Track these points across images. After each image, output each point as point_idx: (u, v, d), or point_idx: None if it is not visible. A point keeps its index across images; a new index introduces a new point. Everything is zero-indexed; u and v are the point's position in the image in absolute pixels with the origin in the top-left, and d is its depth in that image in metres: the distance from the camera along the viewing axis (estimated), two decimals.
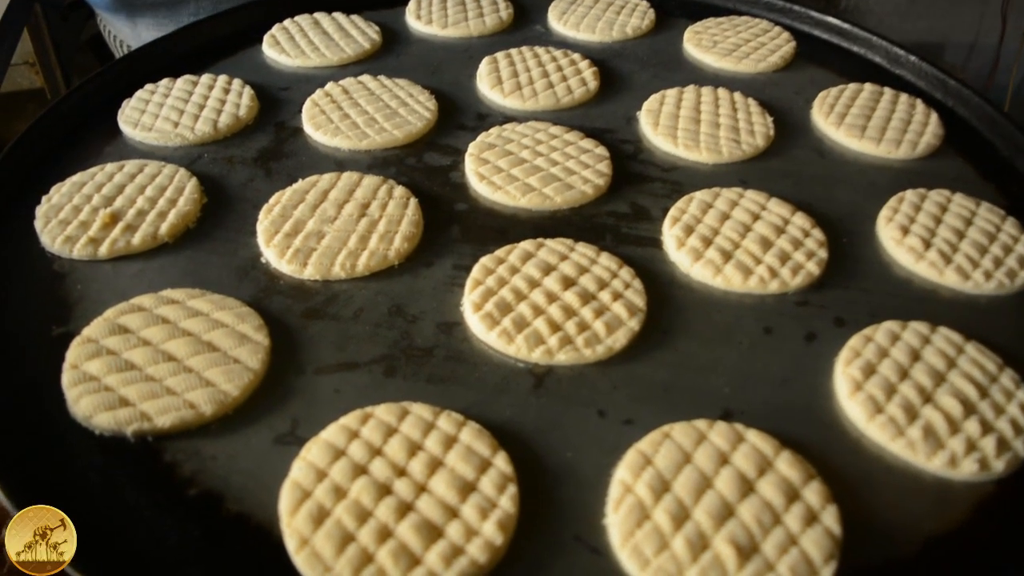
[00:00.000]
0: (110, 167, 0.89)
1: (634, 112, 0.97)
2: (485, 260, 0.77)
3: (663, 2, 1.25)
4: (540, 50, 1.11)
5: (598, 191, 0.87)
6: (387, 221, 0.82)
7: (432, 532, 0.56)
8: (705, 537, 0.56)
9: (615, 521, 0.58)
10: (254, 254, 0.80)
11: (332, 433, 0.62)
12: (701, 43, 1.15)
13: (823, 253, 0.80)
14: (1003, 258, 0.80)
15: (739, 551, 0.55)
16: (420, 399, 0.66)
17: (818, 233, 0.82)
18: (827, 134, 1.00)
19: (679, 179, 0.91)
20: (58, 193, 0.85)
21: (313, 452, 0.61)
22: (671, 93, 1.03)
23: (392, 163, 0.92)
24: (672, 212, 0.84)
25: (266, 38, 1.14)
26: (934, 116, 0.98)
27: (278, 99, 1.03)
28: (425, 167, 0.91)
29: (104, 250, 0.79)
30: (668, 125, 0.97)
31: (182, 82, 1.03)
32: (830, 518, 0.57)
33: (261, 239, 0.80)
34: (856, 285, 0.79)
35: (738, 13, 1.22)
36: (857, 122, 0.99)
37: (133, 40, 1.51)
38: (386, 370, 0.69)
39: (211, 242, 0.82)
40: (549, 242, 0.79)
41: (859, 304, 0.77)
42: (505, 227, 0.83)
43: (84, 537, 0.52)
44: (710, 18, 1.18)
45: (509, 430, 0.64)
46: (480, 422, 0.64)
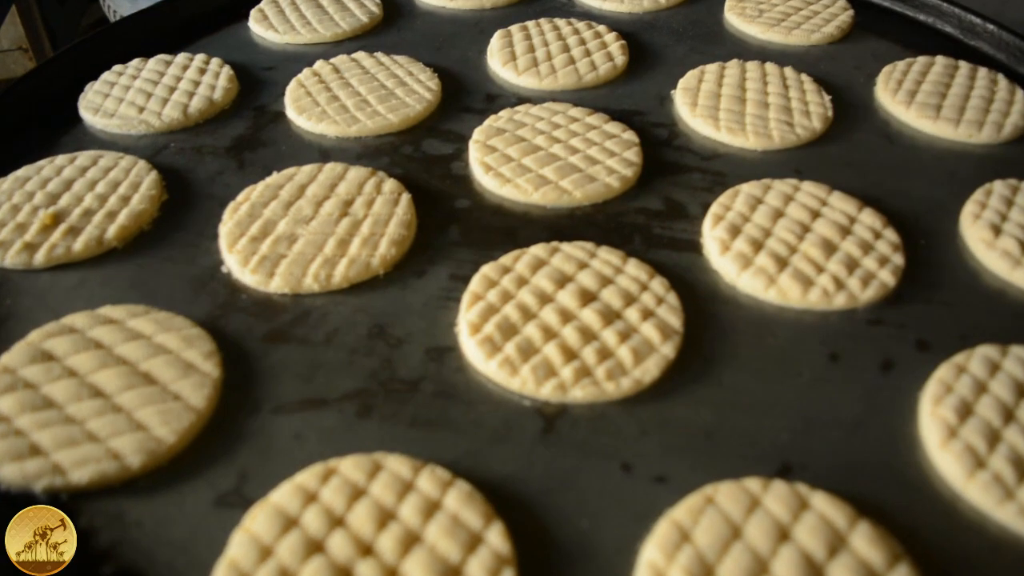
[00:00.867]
0: (60, 159, 0.76)
1: (668, 91, 0.84)
2: (487, 269, 0.63)
3: None
4: (560, 22, 0.96)
5: (625, 184, 0.73)
6: (373, 222, 0.68)
7: None
8: None
9: None
10: (215, 262, 0.67)
11: (284, 495, 0.49)
12: (745, 12, 1.00)
13: (899, 259, 0.65)
14: None
15: None
16: (399, 448, 0.52)
17: (891, 234, 0.67)
18: (895, 115, 0.84)
19: (722, 169, 0.76)
20: None
21: (259, 521, 0.47)
22: (711, 69, 0.88)
23: (385, 152, 0.78)
24: (714, 209, 0.70)
25: (253, 12, 1.00)
26: (1020, 93, 0.83)
27: (261, 80, 0.90)
28: (423, 157, 0.77)
29: (41, 258, 0.66)
30: (708, 106, 0.82)
31: (154, 63, 0.90)
32: None
33: (223, 243, 0.67)
34: (939, 298, 0.64)
35: None
36: (930, 101, 0.84)
37: None
38: (360, 409, 0.55)
39: (167, 247, 0.68)
40: (566, 246, 0.65)
41: (945, 322, 0.62)
42: (514, 228, 0.69)
43: None
44: None
45: (509, 490, 0.50)
46: (472, 479, 0.50)
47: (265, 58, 0.94)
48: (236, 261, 0.65)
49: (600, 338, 0.58)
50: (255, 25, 0.99)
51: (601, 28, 0.95)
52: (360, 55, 0.90)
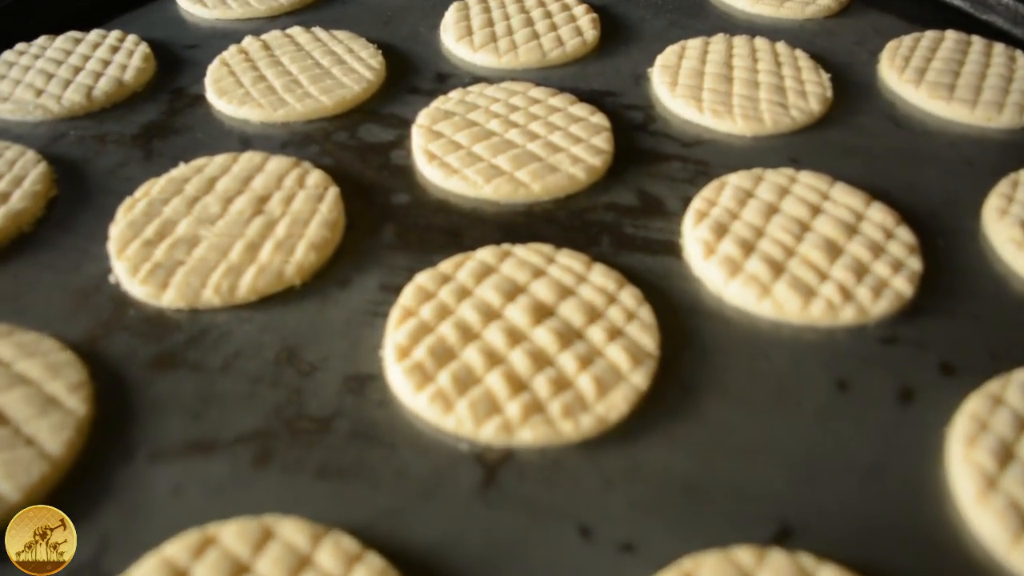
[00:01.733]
0: None
1: (644, 69, 0.74)
2: (422, 278, 0.52)
3: None
4: None
5: (593, 175, 0.62)
6: (291, 221, 0.56)
7: None
8: None
9: None
10: (102, 270, 0.55)
11: (146, 573, 0.37)
12: None
13: (915, 263, 0.54)
14: None
15: None
16: (301, 506, 0.41)
17: (905, 233, 0.56)
18: (902, 96, 0.74)
19: (705, 157, 0.65)
20: None
21: None
22: (693, 44, 0.77)
23: (316, 140, 0.67)
24: (696, 204, 0.59)
25: None
26: None
27: (182, 60, 0.78)
28: (359, 145, 0.66)
29: None
30: (690, 85, 0.71)
31: (62, 40, 0.79)
32: None
33: (112, 248, 0.55)
34: (964, 310, 0.53)
35: None
36: (942, 80, 0.73)
37: None
38: (257, 455, 0.44)
39: (48, 252, 0.57)
40: (519, 249, 0.54)
41: (973, 339, 0.51)
42: (460, 228, 0.58)
43: None
44: None
45: (436, 562, 0.40)
46: (389, 549, 0.39)
47: (191, 35, 0.83)
48: (125, 269, 0.54)
49: (556, 364, 0.47)
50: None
51: (570, 0, 0.84)
52: (295, 30, 0.79)
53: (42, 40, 0.79)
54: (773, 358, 0.50)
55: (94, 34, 0.79)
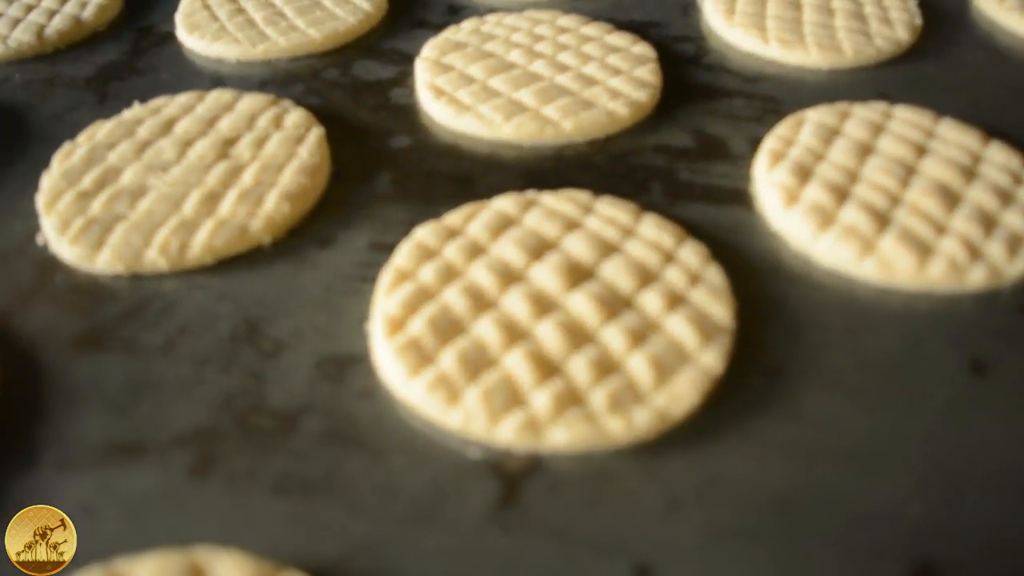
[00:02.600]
0: None
1: None
2: (423, 232, 0.40)
3: None
4: None
5: (638, 112, 0.49)
6: (261, 168, 0.45)
7: None
8: None
9: None
10: (29, 229, 0.44)
11: None
12: None
13: None
14: None
15: None
16: (249, 532, 0.30)
17: None
18: (1002, 25, 0.61)
19: (773, 93, 0.53)
20: None
21: None
22: None
23: (302, 78, 0.55)
24: (770, 143, 0.46)
25: None
26: None
27: None
28: (352, 83, 0.54)
29: None
30: (750, 13, 0.59)
31: None
32: None
33: (41, 201, 0.44)
34: None
35: None
36: None
37: None
38: (197, 462, 0.32)
39: None
40: (547, 197, 0.42)
41: None
42: (472, 175, 0.46)
43: None
44: None
45: None
46: None
47: None
48: (53, 226, 0.42)
49: (598, 341, 0.35)
50: None
51: None
52: None
53: None
54: (884, 333, 0.37)
55: None
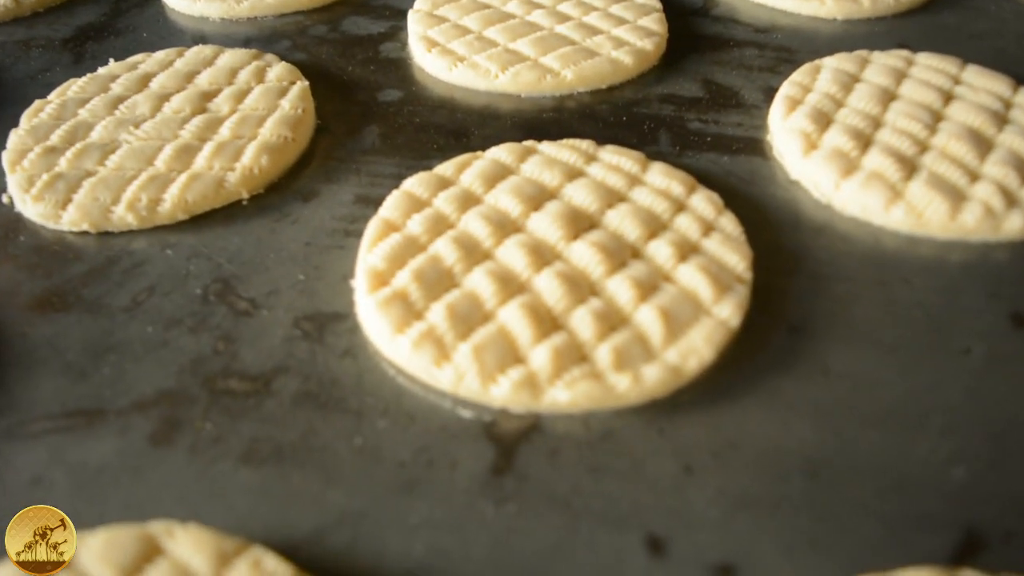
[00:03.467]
0: None
1: None
2: (412, 183, 0.36)
3: None
4: None
5: (643, 61, 0.45)
6: (240, 120, 0.41)
7: None
8: None
9: None
10: None
11: None
12: None
13: None
14: None
15: None
16: (213, 504, 0.27)
17: None
18: None
19: (786, 43, 0.49)
20: None
21: None
22: None
23: (288, 35, 0.51)
24: (786, 90, 0.42)
25: None
26: None
27: None
28: (342, 38, 0.50)
29: None
30: None
31: None
32: None
33: (6, 158, 0.40)
34: None
35: None
36: None
37: None
38: (159, 428, 0.29)
39: None
40: (547, 146, 0.38)
41: None
42: (466, 128, 0.42)
43: None
44: None
45: None
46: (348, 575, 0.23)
47: None
48: (18, 183, 0.39)
49: (603, 293, 0.31)
50: None
51: None
52: None
53: None
54: (915, 285, 0.33)
55: None
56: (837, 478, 0.27)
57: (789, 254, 0.35)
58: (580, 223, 0.33)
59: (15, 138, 0.42)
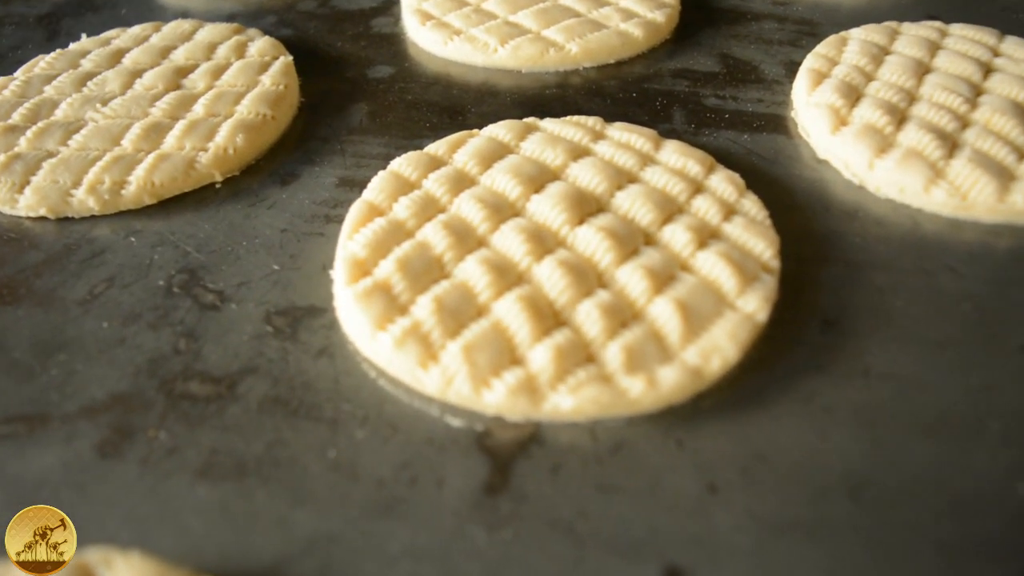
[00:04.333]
0: None
1: None
2: (399, 163, 0.32)
3: None
4: None
5: (654, 34, 0.41)
6: (215, 97, 0.37)
7: None
8: None
9: None
10: None
11: None
12: None
13: None
14: None
15: None
16: (166, 527, 0.22)
17: None
18: None
19: (808, 15, 0.45)
20: None
21: None
22: None
23: (275, 10, 0.47)
24: (811, 63, 0.38)
25: None
26: None
27: None
28: (332, 12, 0.47)
29: None
30: None
31: None
32: None
33: None
34: None
35: None
36: None
37: None
38: (108, 438, 0.25)
39: None
40: (549, 123, 0.34)
41: None
42: (463, 105, 0.38)
43: None
44: None
45: None
46: None
47: None
48: None
49: (612, 285, 0.27)
50: None
51: None
52: None
53: None
54: (963, 273, 0.29)
55: None
56: (883, 497, 0.23)
57: (819, 240, 0.31)
58: (586, 206, 0.29)
59: None
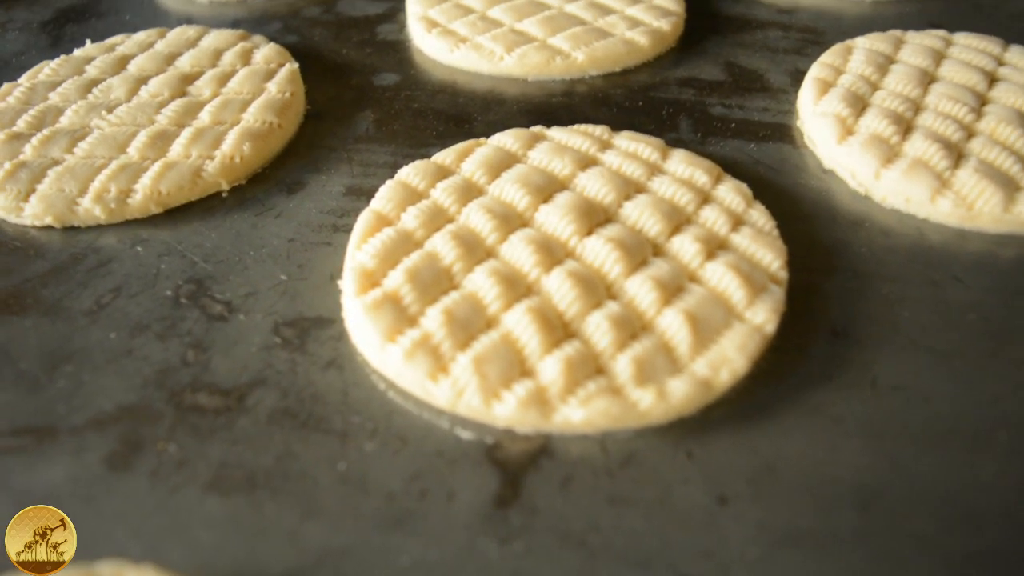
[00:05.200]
0: None
1: None
2: (407, 172, 0.32)
3: None
4: None
5: (660, 43, 0.41)
6: (222, 105, 0.37)
7: None
8: None
9: None
10: None
11: None
12: None
13: None
14: None
15: None
16: (176, 539, 0.22)
17: None
18: None
19: (812, 24, 0.44)
20: None
21: None
22: None
23: (280, 16, 0.47)
24: (816, 72, 0.38)
25: None
26: None
27: None
28: (337, 19, 0.46)
29: None
30: None
31: None
32: None
33: None
34: None
35: None
36: None
37: None
38: (117, 450, 0.25)
39: None
40: (557, 132, 0.34)
41: None
42: (469, 113, 0.38)
43: None
44: None
45: None
46: None
47: None
48: None
49: (622, 296, 0.27)
50: None
51: None
52: None
53: None
54: (969, 284, 0.29)
55: None
56: (892, 509, 0.23)
57: (826, 250, 0.30)
58: (594, 216, 0.29)
59: None
